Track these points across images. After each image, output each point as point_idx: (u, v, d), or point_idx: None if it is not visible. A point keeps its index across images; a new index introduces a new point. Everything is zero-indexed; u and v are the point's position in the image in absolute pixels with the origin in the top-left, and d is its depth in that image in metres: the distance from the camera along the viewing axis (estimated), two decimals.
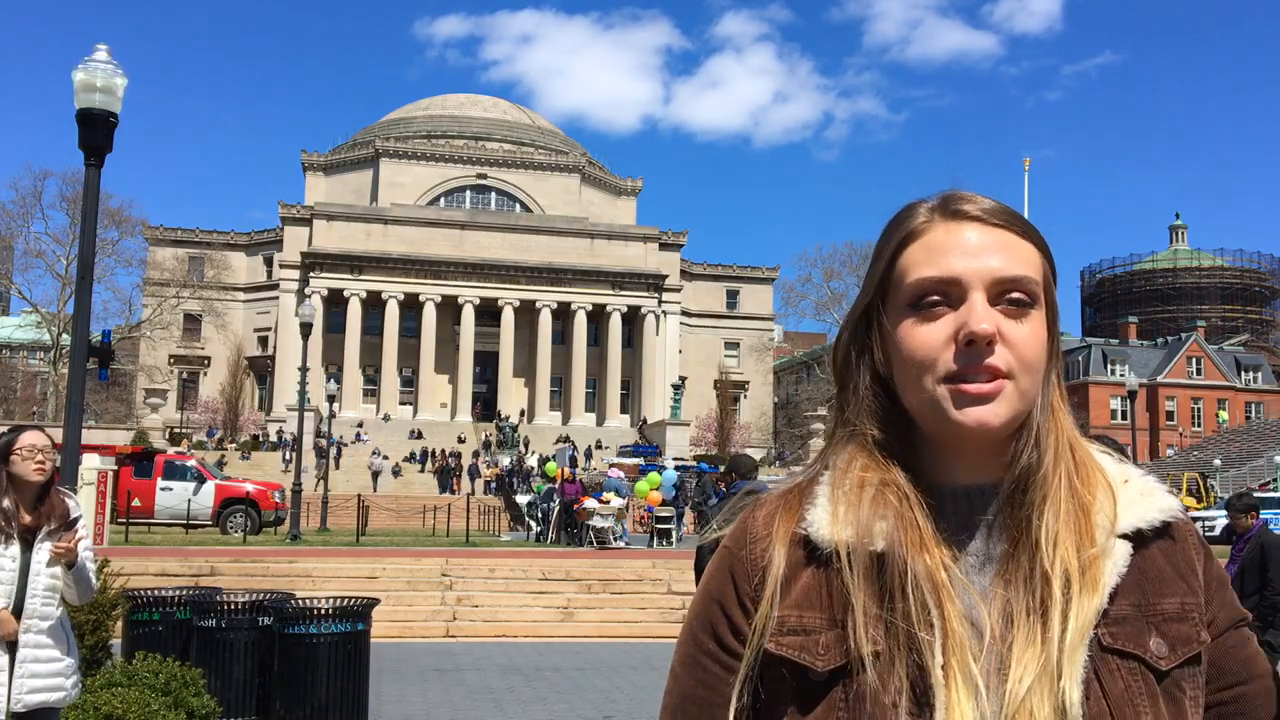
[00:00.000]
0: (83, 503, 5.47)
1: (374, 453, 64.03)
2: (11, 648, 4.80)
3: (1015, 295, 1.22)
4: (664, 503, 31.93)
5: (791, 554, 1.25)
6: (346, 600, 8.56)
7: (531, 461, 59.40)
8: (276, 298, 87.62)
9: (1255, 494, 23.37)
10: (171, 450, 42.71)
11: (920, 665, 1.16)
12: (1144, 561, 1.23)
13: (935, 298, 1.22)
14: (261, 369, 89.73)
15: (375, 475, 57.69)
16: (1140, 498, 1.26)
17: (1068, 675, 1.14)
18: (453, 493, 52.61)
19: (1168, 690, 1.19)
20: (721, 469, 15.43)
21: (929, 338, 1.21)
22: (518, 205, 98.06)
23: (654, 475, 29.47)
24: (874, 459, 1.27)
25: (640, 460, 56.66)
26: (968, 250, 1.23)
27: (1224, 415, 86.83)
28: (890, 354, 1.27)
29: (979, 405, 1.19)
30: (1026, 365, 1.21)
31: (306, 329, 34.07)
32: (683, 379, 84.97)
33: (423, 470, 62.80)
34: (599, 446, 71.23)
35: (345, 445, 65.24)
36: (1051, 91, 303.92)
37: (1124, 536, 1.22)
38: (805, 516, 1.27)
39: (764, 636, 1.23)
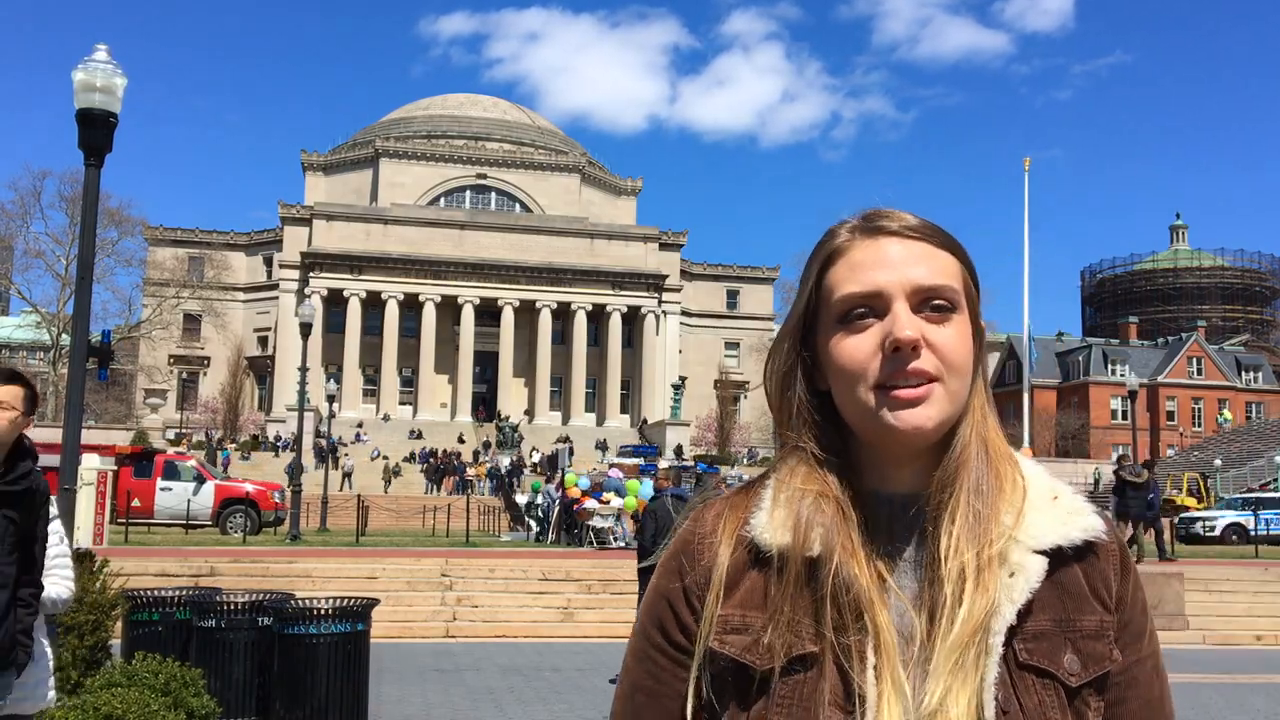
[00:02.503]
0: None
1: (374, 453, 64.16)
2: None
3: (937, 302, 1.28)
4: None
5: (737, 554, 1.30)
6: (346, 600, 8.55)
7: (533, 458, 59.45)
8: (276, 298, 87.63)
9: (1256, 494, 23.37)
10: (171, 450, 42.69)
11: (852, 667, 1.21)
12: (1066, 578, 1.27)
13: (861, 310, 1.28)
14: (261, 369, 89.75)
15: (388, 477, 57.76)
16: (1067, 516, 1.29)
17: (972, 683, 1.19)
18: (448, 492, 52.34)
19: (1077, 708, 1.23)
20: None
21: (857, 349, 1.27)
22: (518, 205, 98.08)
23: (633, 484, 29.26)
24: (813, 471, 1.32)
25: (640, 460, 56.62)
26: (888, 263, 1.29)
27: (1226, 415, 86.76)
28: (825, 369, 1.32)
29: (910, 408, 1.24)
30: (953, 367, 1.27)
31: (306, 329, 34.08)
32: (683, 379, 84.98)
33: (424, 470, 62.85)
34: (600, 447, 71.17)
35: (345, 445, 65.21)
36: (1061, 91, 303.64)
37: (1044, 552, 1.26)
38: (749, 520, 1.32)
39: (709, 635, 1.29)
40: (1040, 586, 1.25)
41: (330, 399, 49.69)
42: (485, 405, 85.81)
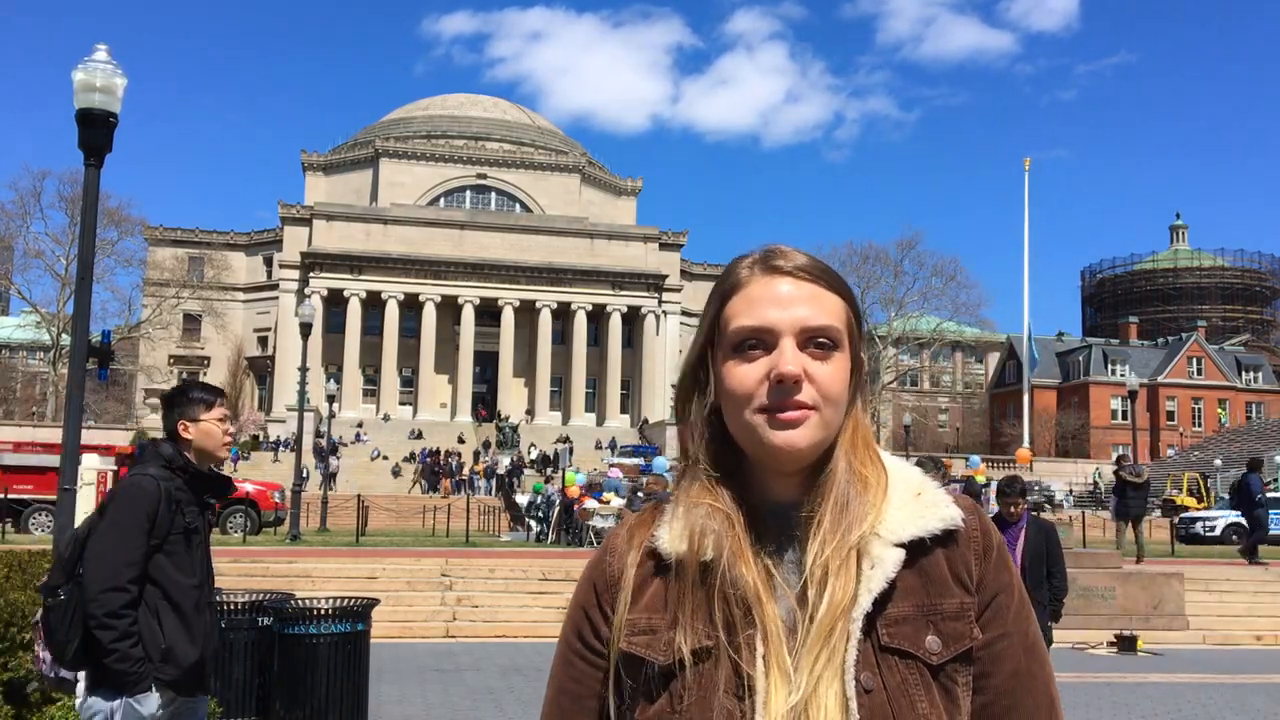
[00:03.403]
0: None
1: (374, 453, 64.13)
2: None
3: (820, 340, 1.42)
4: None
5: (644, 564, 1.46)
6: (346, 600, 8.55)
7: (531, 454, 59.41)
8: (276, 298, 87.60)
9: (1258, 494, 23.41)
10: None
11: (742, 660, 1.34)
12: (928, 566, 1.40)
13: (753, 342, 1.42)
14: (261, 369, 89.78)
15: (395, 474, 57.65)
16: (926, 509, 1.43)
17: (838, 667, 1.32)
18: (444, 494, 51.76)
19: (941, 683, 1.36)
20: None
21: (747, 376, 1.41)
22: (518, 205, 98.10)
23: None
24: (708, 484, 1.46)
25: (641, 460, 56.63)
26: (780, 301, 1.43)
27: (1224, 415, 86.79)
28: (717, 389, 1.47)
29: (788, 430, 1.39)
30: (829, 398, 1.41)
31: (306, 329, 34.09)
32: None
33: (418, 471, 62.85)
34: (600, 447, 71.19)
35: (345, 445, 65.24)
36: (1066, 91, 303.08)
37: (903, 545, 1.39)
38: (654, 532, 1.47)
39: (619, 637, 1.43)
40: (903, 575, 1.38)
41: (330, 399, 49.69)
42: (485, 405, 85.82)
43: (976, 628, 1.40)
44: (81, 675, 4.14)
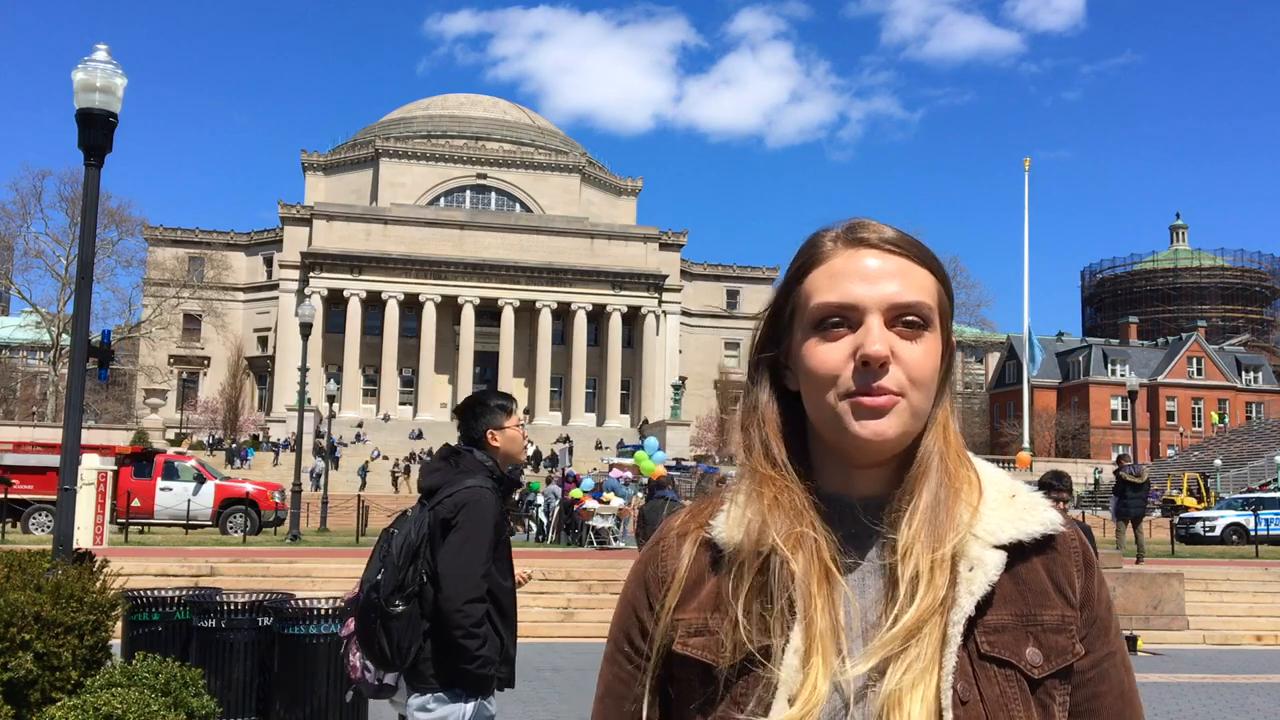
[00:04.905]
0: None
1: (374, 453, 64.05)
2: None
3: (910, 319, 1.31)
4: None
5: (699, 558, 1.35)
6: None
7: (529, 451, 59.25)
8: (276, 298, 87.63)
9: (1256, 494, 23.38)
10: (172, 450, 42.67)
11: (805, 660, 1.24)
12: (1026, 573, 1.30)
13: (836, 320, 1.31)
14: (261, 369, 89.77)
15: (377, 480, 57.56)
16: (1024, 511, 1.33)
17: (932, 674, 1.22)
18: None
19: (1040, 698, 1.27)
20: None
21: (829, 357, 1.30)
22: (518, 205, 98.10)
23: (641, 455, 28.25)
24: (775, 470, 1.35)
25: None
26: (866, 276, 1.32)
27: (1218, 415, 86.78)
28: (795, 370, 1.36)
29: (875, 418, 1.28)
30: (918, 383, 1.30)
31: (306, 329, 34.09)
32: (683, 379, 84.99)
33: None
34: (600, 447, 71.17)
35: (345, 445, 65.23)
36: (1070, 91, 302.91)
37: (1002, 547, 1.29)
38: (711, 522, 1.36)
39: (667, 638, 1.34)
40: (1001, 581, 1.28)
41: (330, 399, 49.70)
42: None
43: (1079, 643, 1.31)
44: (397, 679, 4.31)
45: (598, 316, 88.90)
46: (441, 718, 4.24)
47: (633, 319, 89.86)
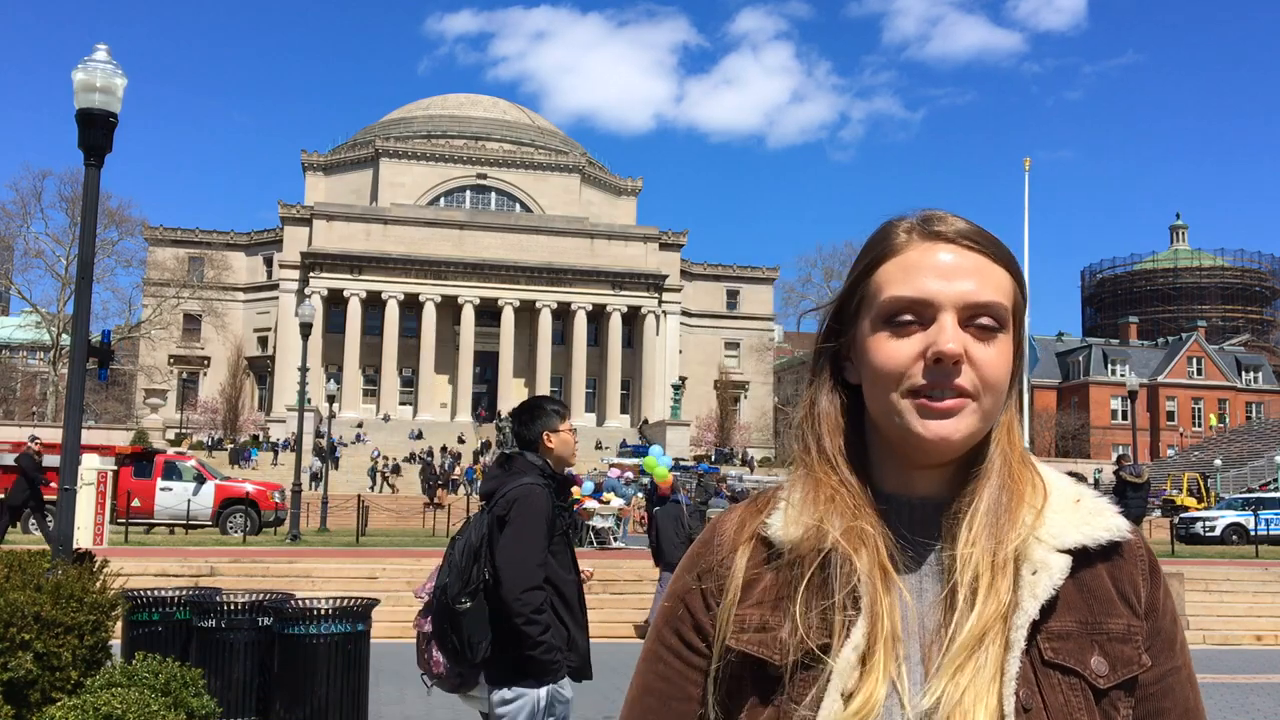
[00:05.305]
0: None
1: (374, 454, 63.97)
2: None
3: (984, 320, 1.27)
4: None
5: (755, 554, 1.32)
6: (346, 600, 8.54)
7: None
8: (276, 298, 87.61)
9: (1256, 494, 23.37)
10: (172, 450, 42.64)
11: (864, 660, 1.21)
12: (1091, 580, 1.27)
13: (908, 316, 1.27)
14: (261, 369, 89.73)
15: (379, 482, 57.46)
16: (1090, 516, 1.29)
17: (994, 679, 1.19)
18: (438, 506, 44.04)
19: (1104, 709, 1.23)
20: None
21: (899, 352, 1.26)
22: (518, 205, 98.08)
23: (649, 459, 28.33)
24: (833, 466, 1.32)
25: (640, 461, 56.54)
26: (942, 272, 1.27)
27: (1217, 415, 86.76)
28: (859, 364, 1.32)
29: (942, 419, 1.24)
30: (990, 386, 1.26)
31: (306, 329, 34.09)
32: (683, 379, 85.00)
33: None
34: (600, 447, 71.15)
35: (345, 445, 65.20)
36: (1072, 91, 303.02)
37: (1067, 552, 1.26)
38: (767, 519, 1.33)
39: (726, 634, 1.30)
40: (1065, 587, 1.24)
41: (330, 399, 49.69)
42: (485, 405, 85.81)
43: (1145, 655, 1.28)
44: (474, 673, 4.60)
45: (598, 316, 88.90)
46: (517, 705, 4.53)
47: (633, 319, 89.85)
